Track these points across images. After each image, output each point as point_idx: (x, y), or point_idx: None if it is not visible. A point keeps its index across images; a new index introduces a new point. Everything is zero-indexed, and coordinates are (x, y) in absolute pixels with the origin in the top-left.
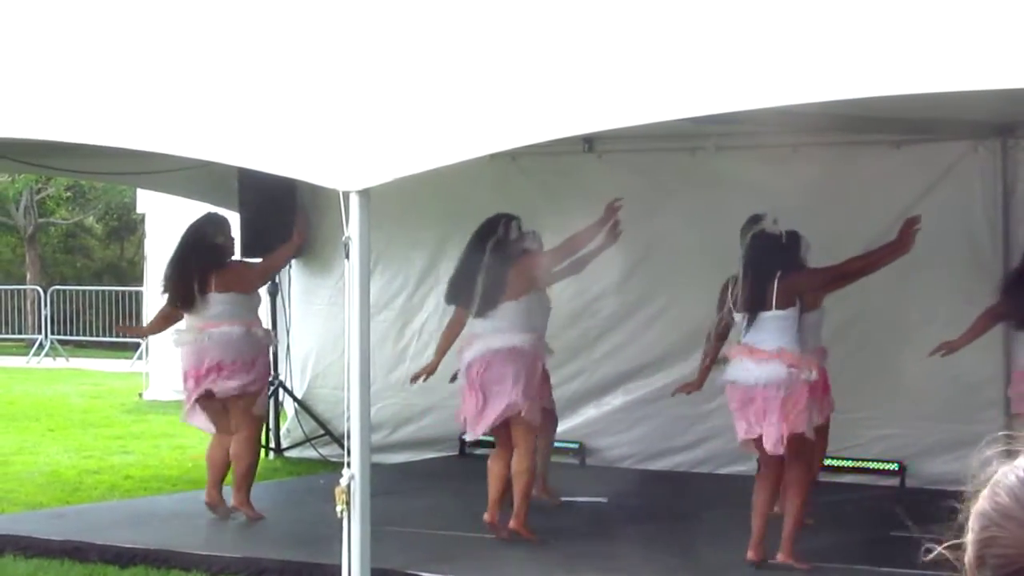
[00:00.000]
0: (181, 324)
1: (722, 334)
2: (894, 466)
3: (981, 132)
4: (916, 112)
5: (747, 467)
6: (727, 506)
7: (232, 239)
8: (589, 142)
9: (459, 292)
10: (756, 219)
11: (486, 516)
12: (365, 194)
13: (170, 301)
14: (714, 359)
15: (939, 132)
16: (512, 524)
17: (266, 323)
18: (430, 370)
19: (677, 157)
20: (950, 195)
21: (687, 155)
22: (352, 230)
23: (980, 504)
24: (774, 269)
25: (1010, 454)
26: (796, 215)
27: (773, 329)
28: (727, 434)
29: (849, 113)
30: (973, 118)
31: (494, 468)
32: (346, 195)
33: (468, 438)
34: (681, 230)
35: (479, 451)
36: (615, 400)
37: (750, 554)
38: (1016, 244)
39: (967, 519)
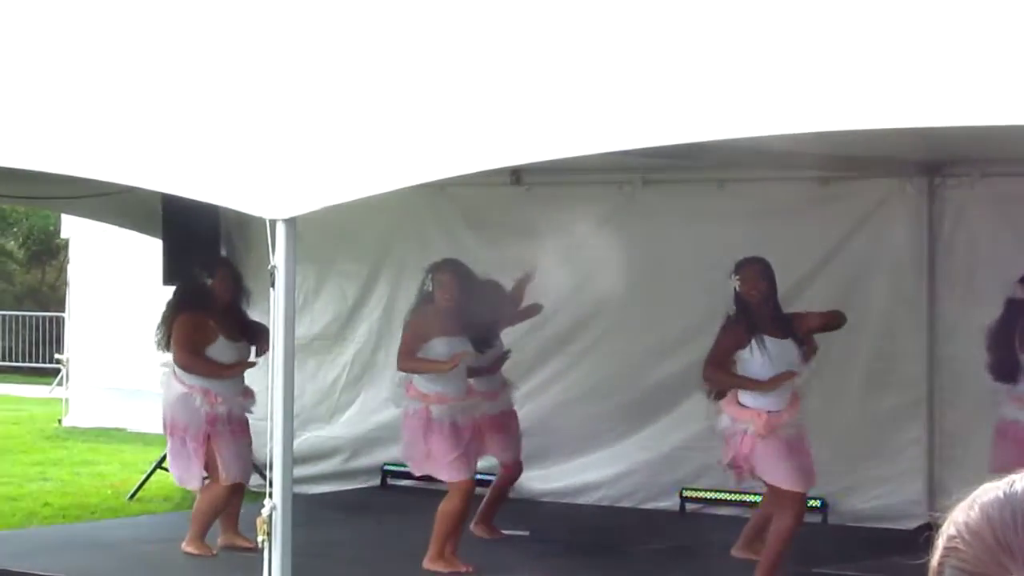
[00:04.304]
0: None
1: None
2: (817, 503)
3: (908, 170)
4: (844, 149)
5: (670, 502)
6: (650, 540)
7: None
8: (517, 174)
9: None
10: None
11: None
12: (291, 223)
13: None
14: None
15: (867, 170)
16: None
17: None
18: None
19: (604, 191)
20: (877, 233)
21: (614, 189)
22: (278, 259)
23: (955, 513)
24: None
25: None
26: (724, 251)
27: None
28: (648, 469)
29: (777, 149)
30: (901, 156)
31: None
32: (272, 223)
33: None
34: (608, 265)
35: (400, 482)
36: (540, 436)
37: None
38: (943, 282)
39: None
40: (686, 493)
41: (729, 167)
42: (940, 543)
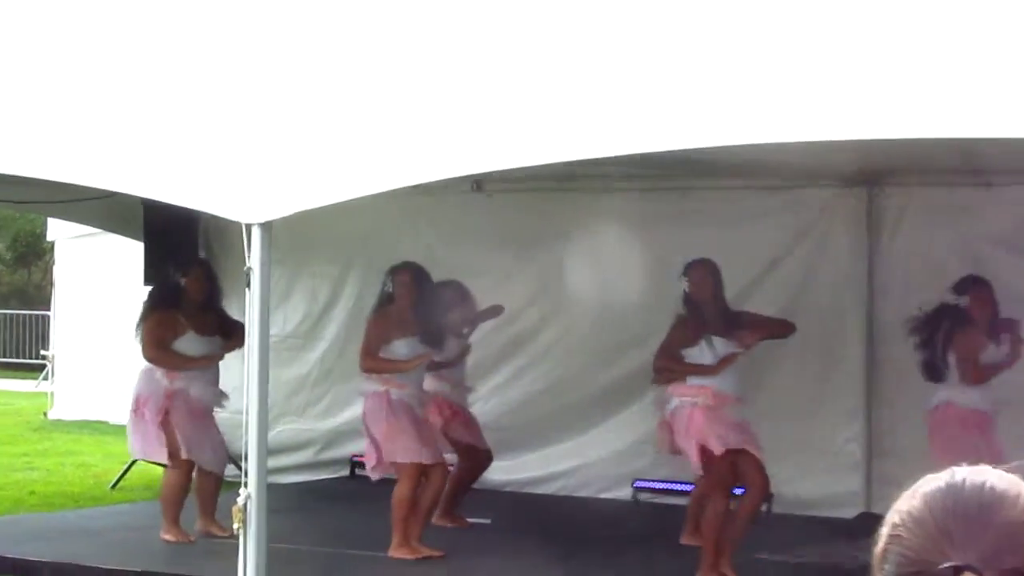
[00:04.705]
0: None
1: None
2: None
3: (850, 180)
4: (790, 159)
5: (624, 493)
6: (605, 528)
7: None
8: (478, 183)
9: None
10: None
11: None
12: (267, 227)
13: None
14: None
15: (812, 180)
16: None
17: None
18: None
19: (562, 198)
20: (820, 239)
21: (572, 196)
22: (253, 261)
23: (899, 502)
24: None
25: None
26: (676, 256)
27: None
28: (604, 462)
29: (727, 160)
30: (842, 167)
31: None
32: (248, 227)
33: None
34: (568, 268)
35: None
36: (503, 430)
37: None
38: (881, 286)
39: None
40: (639, 484)
41: (682, 177)
42: (884, 531)
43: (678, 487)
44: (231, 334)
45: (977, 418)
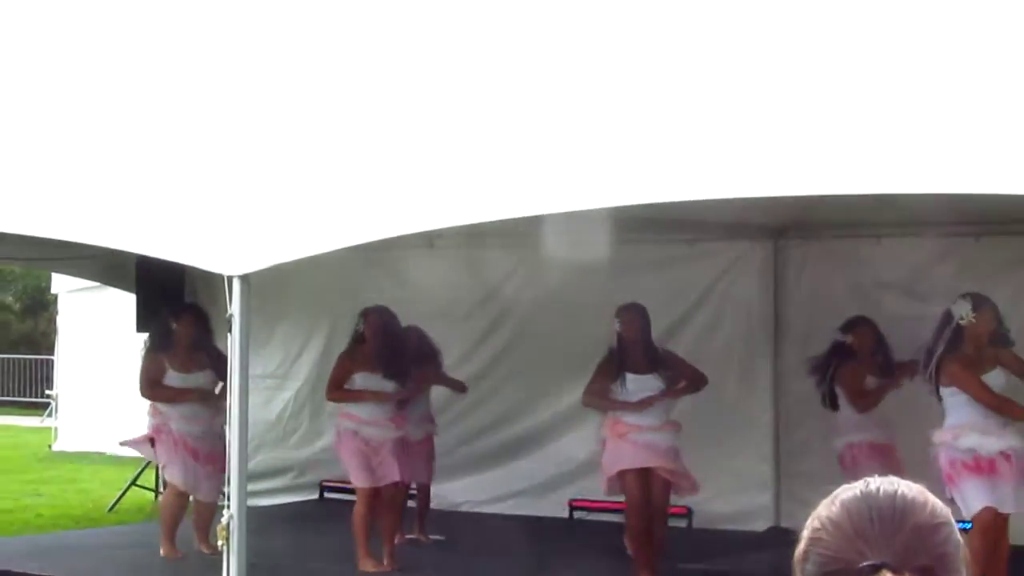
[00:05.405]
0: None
1: None
2: (684, 510)
3: (758, 234)
4: (706, 216)
5: (561, 511)
6: (544, 541)
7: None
8: (430, 239)
9: None
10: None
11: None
12: (245, 279)
13: None
14: None
15: (725, 233)
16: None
17: None
18: None
19: (501, 252)
20: (733, 285)
21: (509, 250)
22: (234, 309)
23: (819, 508)
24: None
25: None
26: (608, 300)
27: None
28: (544, 484)
29: (652, 216)
30: (752, 222)
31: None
32: (229, 279)
33: None
34: (510, 314)
35: (334, 496)
36: (458, 455)
37: None
38: (786, 325)
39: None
40: (574, 503)
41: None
42: (805, 534)
43: (607, 506)
44: (224, 370)
45: (884, 450)
